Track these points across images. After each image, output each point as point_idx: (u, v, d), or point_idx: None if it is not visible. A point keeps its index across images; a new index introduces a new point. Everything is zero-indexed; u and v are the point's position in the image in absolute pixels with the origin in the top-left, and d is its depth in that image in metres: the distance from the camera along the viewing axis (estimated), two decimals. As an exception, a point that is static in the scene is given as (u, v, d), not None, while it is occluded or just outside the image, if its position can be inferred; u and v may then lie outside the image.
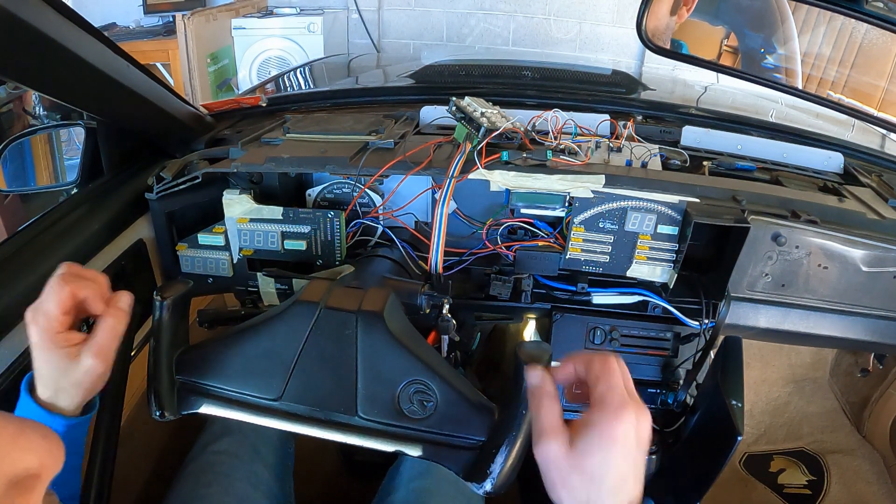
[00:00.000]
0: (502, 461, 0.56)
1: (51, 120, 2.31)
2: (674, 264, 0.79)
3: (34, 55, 0.58)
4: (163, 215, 0.83)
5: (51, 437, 0.25)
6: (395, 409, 0.59)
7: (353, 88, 1.52)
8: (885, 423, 1.32)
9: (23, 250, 0.67)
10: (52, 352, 0.54)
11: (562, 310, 0.85)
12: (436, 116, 0.94)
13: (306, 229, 0.82)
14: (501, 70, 1.56)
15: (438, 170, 0.75)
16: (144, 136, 0.90)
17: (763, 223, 0.72)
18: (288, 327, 0.62)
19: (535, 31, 3.32)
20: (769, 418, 1.48)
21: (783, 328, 0.81)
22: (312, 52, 3.17)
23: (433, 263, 0.76)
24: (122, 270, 0.77)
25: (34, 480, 0.24)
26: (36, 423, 0.25)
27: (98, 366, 0.55)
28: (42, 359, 0.54)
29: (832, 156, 0.93)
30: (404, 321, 0.64)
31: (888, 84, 1.07)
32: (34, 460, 0.24)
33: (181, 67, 3.07)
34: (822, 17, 1.18)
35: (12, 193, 1.51)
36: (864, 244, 0.74)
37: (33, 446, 0.24)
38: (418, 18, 3.42)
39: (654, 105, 1.16)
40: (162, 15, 3.46)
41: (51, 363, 0.54)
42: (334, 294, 0.63)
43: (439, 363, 0.61)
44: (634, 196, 0.76)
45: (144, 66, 0.75)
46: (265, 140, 0.87)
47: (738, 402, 0.77)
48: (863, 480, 1.31)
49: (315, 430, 0.60)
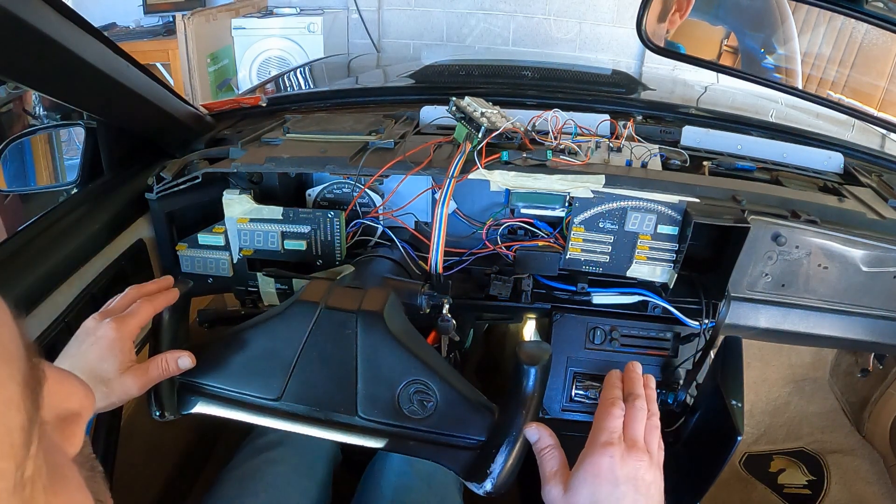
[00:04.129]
0: (502, 461, 0.56)
1: (51, 120, 2.31)
2: (674, 264, 0.79)
3: (34, 55, 0.58)
4: (163, 215, 0.83)
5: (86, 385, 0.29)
6: (395, 409, 0.59)
7: (353, 88, 1.52)
8: (885, 423, 1.32)
9: (23, 250, 0.67)
10: (113, 358, 0.57)
11: (562, 310, 0.85)
12: (436, 116, 0.94)
13: (306, 229, 0.82)
14: (501, 70, 1.56)
15: (438, 170, 0.75)
16: (144, 136, 0.90)
17: (763, 223, 0.72)
18: (288, 327, 0.62)
19: (535, 31, 3.32)
20: (769, 418, 1.48)
21: (783, 328, 0.81)
22: (312, 52, 3.16)
23: (433, 263, 0.76)
24: (122, 270, 0.77)
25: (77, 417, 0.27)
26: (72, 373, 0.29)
27: (135, 391, 0.58)
28: (98, 359, 0.56)
29: (832, 156, 0.93)
30: (404, 321, 0.64)
31: (888, 84, 1.07)
32: (76, 401, 0.28)
33: (181, 67, 3.07)
34: (822, 17, 1.18)
35: (12, 193, 1.51)
36: (864, 244, 0.73)
37: (75, 390, 0.28)
38: (418, 18, 3.42)
39: (654, 105, 1.16)
40: (162, 15, 3.46)
41: (103, 366, 0.57)
42: (334, 294, 0.63)
43: (439, 363, 0.61)
44: (634, 196, 0.76)
45: (144, 66, 0.75)
46: (265, 140, 0.87)
47: (738, 402, 0.77)
48: (863, 480, 1.30)
49: (315, 430, 0.60)
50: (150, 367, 0.60)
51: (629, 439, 0.53)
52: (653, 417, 0.57)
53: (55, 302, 0.67)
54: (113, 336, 0.57)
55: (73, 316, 0.68)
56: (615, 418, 0.54)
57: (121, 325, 0.58)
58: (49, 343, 0.64)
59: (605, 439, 0.52)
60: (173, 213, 0.84)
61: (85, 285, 0.71)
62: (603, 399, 0.58)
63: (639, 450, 0.53)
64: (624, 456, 0.52)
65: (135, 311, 0.59)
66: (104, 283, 0.74)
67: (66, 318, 0.67)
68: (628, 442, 0.53)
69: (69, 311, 0.68)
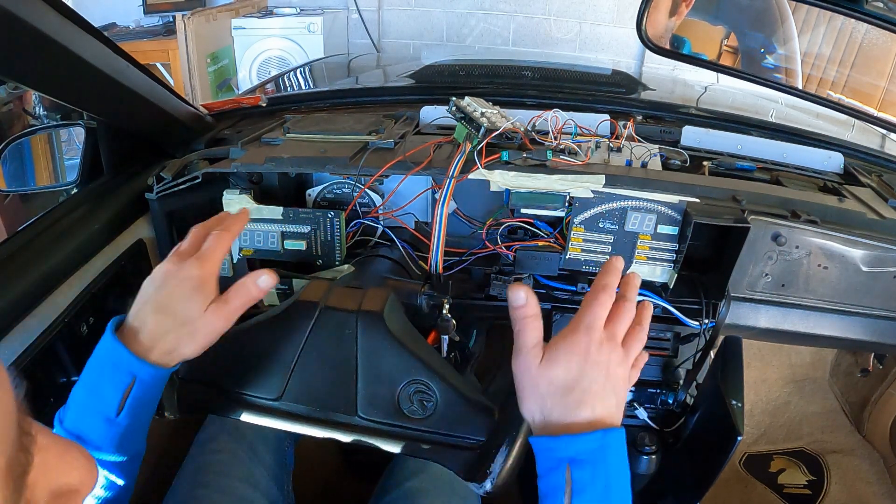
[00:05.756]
0: (502, 461, 0.56)
1: (51, 120, 2.31)
2: (674, 264, 0.79)
3: (34, 55, 0.58)
4: (163, 215, 0.83)
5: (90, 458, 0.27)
6: (395, 409, 0.59)
7: (353, 88, 1.52)
8: (885, 423, 1.32)
9: (23, 250, 0.67)
10: (198, 298, 0.55)
11: (562, 310, 0.85)
12: (436, 116, 0.94)
13: (306, 229, 0.82)
14: (501, 70, 1.56)
15: (438, 170, 0.75)
16: (144, 136, 0.90)
17: (763, 223, 0.72)
18: (288, 327, 0.62)
19: (535, 31, 3.32)
20: (769, 418, 1.48)
21: (783, 328, 0.81)
22: (312, 52, 3.17)
23: (433, 263, 0.76)
24: (122, 270, 0.77)
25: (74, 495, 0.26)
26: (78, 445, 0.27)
27: (221, 326, 0.57)
28: (183, 299, 0.55)
29: (832, 156, 0.93)
30: (404, 321, 0.64)
31: (888, 84, 1.07)
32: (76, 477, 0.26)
33: (181, 67, 3.07)
34: (822, 17, 1.18)
35: (12, 193, 1.51)
36: (864, 244, 0.74)
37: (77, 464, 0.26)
38: (418, 18, 3.42)
39: (654, 105, 1.16)
40: (162, 15, 3.46)
41: (188, 307, 0.55)
42: (334, 294, 0.63)
43: (439, 363, 0.61)
44: (634, 196, 0.76)
45: (144, 66, 0.75)
46: (265, 140, 0.87)
47: (738, 402, 0.77)
48: (863, 480, 1.30)
49: (315, 430, 0.60)
50: (230, 297, 0.57)
51: (609, 331, 0.53)
52: (639, 329, 0.57)
53: (55, 302, 0.67)
54: (197, 274, 0.55)
55: (73, 316, 0.68)
56: (602, 307, 0.54)
57: (204, 263, 0.56)
58: (49, 343, 0.64)
59: (589, 322, 0.53)
60: (173, 213, 0.84)
61: (85, 285, 0.71)
62: (596, 283, 0.56)
63: (616, 343, 0.53)
64: (602, 342, 0.52)
65: (214, 245, 0.58)
66: (104, 283, 0.74)
67: (66, 318, 0.67)
68: (608, 333, 0.53)
69: (69, 311, 0.68)
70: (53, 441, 0.25)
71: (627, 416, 0.87)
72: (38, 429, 0.26)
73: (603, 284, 0.55)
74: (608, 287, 0.55)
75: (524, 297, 0.54)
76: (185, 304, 0.55)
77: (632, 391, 0.87)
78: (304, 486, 0.94)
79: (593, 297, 0.54)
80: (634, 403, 0.88)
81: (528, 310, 0.54)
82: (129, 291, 0.77)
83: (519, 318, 0.54)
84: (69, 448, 0.27)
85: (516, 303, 0.54)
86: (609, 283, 0.56)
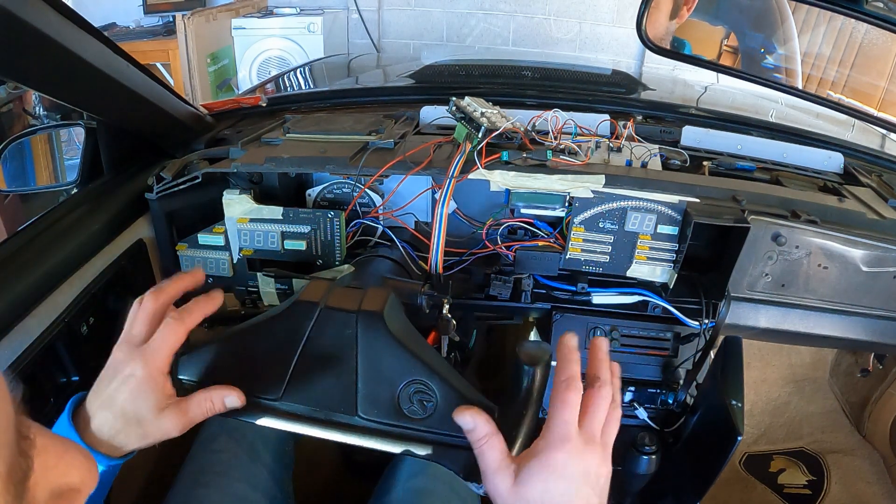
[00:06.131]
0: (502, 461, 0.56)
1: (51, 120, 2.32)
2: (674, 264, 0.79)
3: (34, 55, 0.58)
4: (163, 215, 0.83)
5: (90, 457, 0.27)
6: (395, 409, 0.59)
7: (353, 88, 1.52)
8: (885, 423, 1.32)
9: (23, 250, 0.67)
10: (146, 398, 0.52)
11: (562, 310, 0.85)
12: (436, 116, 0.94)
13: (306, 229, 0.82)
14: (501, 70, 1.56)
15: (438, 170, 0.75)
16: (144, 136, 0.90)
17: (763, 223, 0.72)
18: (288, 327, 0.62)
19: (535, 31, 3.32)
20: (769, 418, 1.48)
21: (783, 328, 0.81)
22: (312, 52, 3.17)
23: (433, 263, 0.76)
24: (122, 270, 0.77)
25: (75, 494, 0.26)
26: (78, 445, 0.28)
27: (174, 433, 0.53)
28: (129, 399, 0.51)
29: (832, 156, 0.93)
30: (404, 321, 0.64)
31: (888, 84, 1.07)
32: (76, 476, 0.26)
33: (181, 67, 3.07)
34: (822, 17, 1.18)
35: (12, 193, 1.51)
36: (864, 244, 0.73)
37: (77, 464, 0.27)
38: (418, 18, 3.42)
39: (654, 105, 1.16)
40: (162, 15, 3.46)
41: (136, 407, 0.51)
42: (334, 294, 0.63)
43: (439, 363, 0.61)
44: (634, 196, 0.76)
45: (144, 66, 0.75)
46: (265, 140, 0.87)
47: (738, 402, 0.77)
48: (863, 480, 1.30)
49: (315, 430, 0.60)
50: (190, 407, 0.54)
51: (586, 432, 0.50)
52: (615, 410, 0.53)
53: (55, 302, 0.67)
54: (142, 374, 0.52)
55: (73, 316, 0.68)
56: (571, 408, 0.49)
57: (149, 361, 0.52)
58: (48, 343, 0.64)
59: (562, 432, 0.49)
60: (173, 213, 0.84)
61: (85, 285, 0.71)
62: (557, 381, 0.51)
63: (595, 444, 0.50)
64: (580, 450, 0.48)
65: (164, 337, 0.53)
66: (104, 283, 0.73)
67: (66, 318, 0.67)
68: (585, 435, 0.49)
69: (69, 311, 0.68)
70: (52, 442, 0.25)
71: (627, 416, 0.87)
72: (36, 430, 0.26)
73: (565, 379, 0.51)
74: (571, 380, 0.51)
75: (471, 422, 0.51)
76: (133, 404, 0.52)
77: (631, 391, 0.87)
78: (304, 486, 0.94)
79: (560, 401, 0.50)
80: (634, 403, 0.88)
81: (478, 432, 0.51)
82: (129, 291, 0.77)
83: (474, 441, 0.51)
84: (68, 448, 0.27)
85: (465, 427, 0.52)
86: (570, 374, 0.51)
